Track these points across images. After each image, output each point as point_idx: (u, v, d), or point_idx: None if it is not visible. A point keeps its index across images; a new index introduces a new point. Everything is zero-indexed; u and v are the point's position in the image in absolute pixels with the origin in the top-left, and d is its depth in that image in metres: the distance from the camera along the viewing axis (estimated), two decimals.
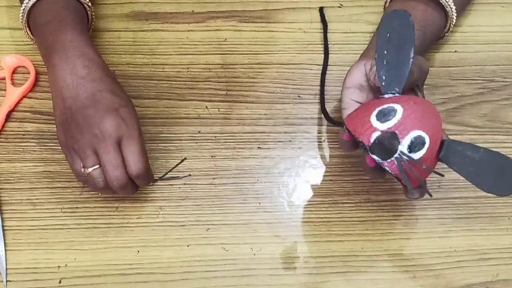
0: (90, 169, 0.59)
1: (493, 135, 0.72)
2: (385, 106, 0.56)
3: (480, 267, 0.65)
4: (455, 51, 0.76)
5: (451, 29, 0.72)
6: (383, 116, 0.56)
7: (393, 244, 0.66)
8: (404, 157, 0.54)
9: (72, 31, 0.63)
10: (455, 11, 0.69)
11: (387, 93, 0.58)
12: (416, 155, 0.54)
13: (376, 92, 0.60)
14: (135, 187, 0.62)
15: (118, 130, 0.59)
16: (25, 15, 0.66)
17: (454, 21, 0.71)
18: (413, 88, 0.60)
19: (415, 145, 0.54)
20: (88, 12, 0.69)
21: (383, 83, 0.58)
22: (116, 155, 0.59)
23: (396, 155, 0.54)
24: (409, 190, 0.57)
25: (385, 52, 0.58)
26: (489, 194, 0.68)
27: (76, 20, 0.65)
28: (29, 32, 0.68)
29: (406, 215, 0.67)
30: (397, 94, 0.57)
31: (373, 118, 0.55)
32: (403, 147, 0.54)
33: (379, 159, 0.55)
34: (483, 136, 0.72)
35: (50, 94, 0.70)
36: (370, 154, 0.55)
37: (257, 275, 0.64)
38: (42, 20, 0.65)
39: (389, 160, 0.55)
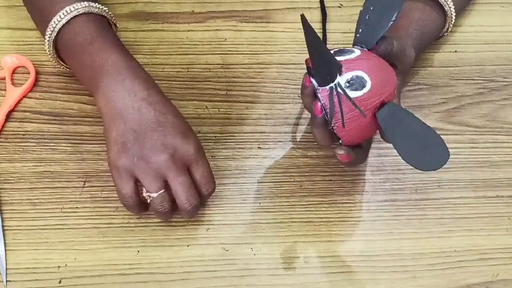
0: (155, 194, 0.59)
1: (493, 135, 0.72)
2: (348, 48, 0.58)
3: (480, 267, 0.65)
4: (455, 51, 0.76)
5: (450, 29, 0.72)
6: (340, 52, 0.57)
7: (393, 244, 0.66)
8: (339, 89, 0.55)
9: (119, 51, 0.62)
10: (454, 10, 0.69)
11: (357, 45, 0.59)
12: (352, 93, 0.55)
13: None
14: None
15: (188, 153, 0.59)
16: (52, 40, 0.64)
17: (453, 20, 0.71)
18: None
19: (353, 83, 0.55)
20: (115, 30, 0.68)
21: (358, 35, 0.60)
22: (188, 177, 0.59)
23: (332, 84, 0.55)
24: (329, 123, 0.56)
25: (371, 8, 0.60)
26: (490, 194, 0.69)
27: (116, 38, 0.65)
28: (54, 55, 0.66)
29: (406, 215, 0.67)
30: (365, 49, 0.59)
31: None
32: (341, 79, 0.55)
33: (316, 83, 0.56)
34: (483, 136, 0.72)
35: (50, 94, 0.71)
36: (310, 78, 0.56)
37: (257, 275, 0.64)
38: (80, 41, 0.63)
39: (324, 88, 0.55)
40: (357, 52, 0.57)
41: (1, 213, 0.65)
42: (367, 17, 0.60)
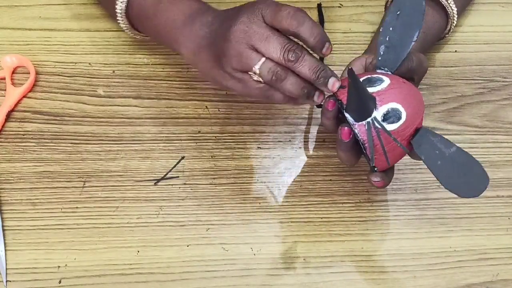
0: (260, 62, 0.55)
1: (493, 135, 0.72)
2: (374, 76, 0.57)
3: (480, 267, 0.65)
4: (455, 51, 0.76)
5: (451, 30, 0.72)
6: (369, 82, 0.56)
7: (393, 244, 0.66)
8: (376, 123, 0.55)
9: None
10: (456, 12, 0.69)
11: (380, 69, 0.58)
12: (389, 127, 0.55)
13: None
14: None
15: (265, 10, 0.56)
16: (124, 11, 0.65)
17: (455, 22, 0.71)
18: (408, 79, 0.60)
19: (390, 116, 0.55)
20: None
21: (379, 58, 0.59)
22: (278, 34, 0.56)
23: (369, 119, 0.55)
24: (371, 160, 0.56)
25: (391, 28, 0.58)
26: (490, 194, 0.69)
27: None
28: (128, 25, 0.67)
29: (406, 215, 0.67)
30: (389, 72, 0.58)
31: None
32: (378, 113, 0.55)
33: (351, 119, 0.55)
34: (483, 136, 0.72)
35: (50, 94, 0.71)
36: (345, 113, 0.55)
37: (257, 275, 0.64)
38: (150, 2, 0.64)
39: (360, 123, 0.55)
40: (386, 80, 0.56)
41: (1, 213, 0.65)
42: (387, 38, 0.58)
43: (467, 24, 0.78)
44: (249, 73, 0.57)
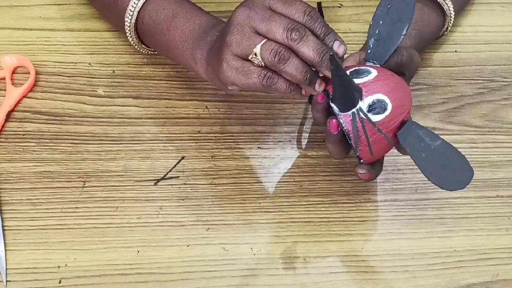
0: (262, 42, 0.54)
1: (493, 135, 0.72)
2: (362, 67, 0.57)
3: (480, 267, 0.65)
4: (455, 51, 0.76)
5: (449, 28, 0.72)
6: (356, 73, 0.57)
7: (393, 244, 0.66)
8: (361, 114, 0.55)
9: (199, 15, 0.63)
10: (453, 10, 0.69)
11: (369, 61, 0.59)
12: (374, 117, 0.55)
13: None
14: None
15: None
16: (133, 25, 0.65)
17: (453, 20, 0.71)
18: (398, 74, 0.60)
19: (375, 106, 0.55)
20: None
21: (369, 51, 0.59)
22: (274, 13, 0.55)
23: (354, 109, 0.55)
24: (355, 150, 0.56)
25: (381, 22, 0.59)
26: (490, 194, 0.69)
27: (190, 2, 0.65)
28: (137, 39, 0.67)
29: (406, 215, 0.67)
30: (378, 65, 0.58)
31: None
32: (363, 104, 0.55)
33: (337, 109, 0.55)
34: (483, 136, 0.72)
35: (50, 94, 0.71)
36: (331, 103, 0.56)
37: (257, 275, 0.64)
38: (162, 18, 0.64)
39: (345, 113, 0.55)
40: (373, 72, 0.57)
41: (1, 213, 0.65)
42: (377, 32, 0.59)
43: (467, 24, 0.78)
44: (251, 58, 0.55)
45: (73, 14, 0.75)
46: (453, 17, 0.70)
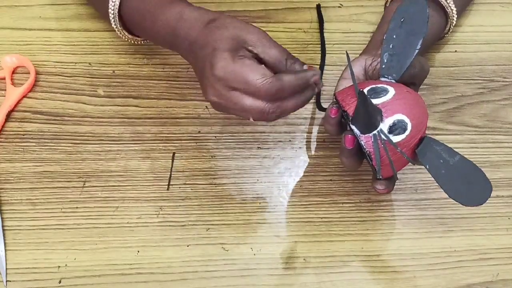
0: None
1: (493, 135, 0.72)
2: (379, 85, 0.57)
3: (480, 267, 0.65)
4: (455, 51, 0.76)
5: (451, 30, 0.72)
6: (374, 93, 0.56)
7: (393, 244, 0.66)
8: (382, 135, 0.55)
9: (184, 5, 0.62)
10: (455, 12, 0.69)
11: (384, 77, 0.58)
12: (395, 138, 0.55)
13: None
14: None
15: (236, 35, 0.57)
16: (116, 12, 0.64)
17: (455, 22, 0.71)
18: (409, 84, 0.60)
19: (396, 127, 0.55)
20: None
21: (383, 66, 0.58)
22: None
23: (375, 131, 0.55)
24: (377, 172, 0.56)
25: (394, 36, 0.59)
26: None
27: None
28: (120, 27, 0.66)
29: (406, 215, 0.67)
30: (393, 81, 0.58)
31: None
32: (384, 125, 0.55)
33: (358, 131, 0.55)
34: (483, 136, 0.72)
35: (50, 94, 0.71)
36: (351, 125, 0.55)
37: (257, 275, 0.64)
38: (149, 6, 0.63)
39: (366, 135, 0.55)
40: (390, 90, 0.56)
41: (1, 213, 0.65)
42: (391, 46, 0.58)
43: (467, 24, 0.78)
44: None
45: (73, 14, 0.75)
46: (456, 19, 0.70)
